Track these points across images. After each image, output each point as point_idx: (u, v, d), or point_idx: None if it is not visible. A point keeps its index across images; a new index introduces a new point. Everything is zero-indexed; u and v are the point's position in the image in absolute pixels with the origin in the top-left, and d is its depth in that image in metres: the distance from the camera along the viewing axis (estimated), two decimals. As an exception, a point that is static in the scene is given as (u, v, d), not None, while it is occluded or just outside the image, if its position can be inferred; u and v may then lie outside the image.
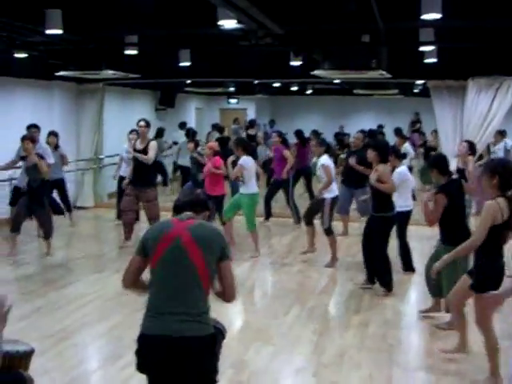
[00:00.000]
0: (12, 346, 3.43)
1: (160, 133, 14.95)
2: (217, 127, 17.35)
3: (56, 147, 10.59)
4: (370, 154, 7.24)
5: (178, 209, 3.54)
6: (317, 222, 8.90)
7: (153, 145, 9.30)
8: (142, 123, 9.33)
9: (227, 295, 3.40)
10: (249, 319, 6.51)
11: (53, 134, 10.65)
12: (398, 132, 14.24)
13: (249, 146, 9.37)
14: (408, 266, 8.16)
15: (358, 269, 8.09)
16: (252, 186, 8.85)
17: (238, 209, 8.99)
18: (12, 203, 9.62)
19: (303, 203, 11.26)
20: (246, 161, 8.75)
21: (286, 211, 11.66)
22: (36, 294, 7.17)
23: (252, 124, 17.57)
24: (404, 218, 7.85)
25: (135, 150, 9.23)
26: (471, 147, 9.03)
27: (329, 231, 8.53)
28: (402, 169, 8.03)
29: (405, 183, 7.93)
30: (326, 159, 8.53)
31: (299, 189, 12.83)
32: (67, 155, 10.91)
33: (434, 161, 6.42)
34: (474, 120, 10.55)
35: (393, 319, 6.51)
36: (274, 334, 6.00)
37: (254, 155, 11.51)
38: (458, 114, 10.83)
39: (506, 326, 5.94)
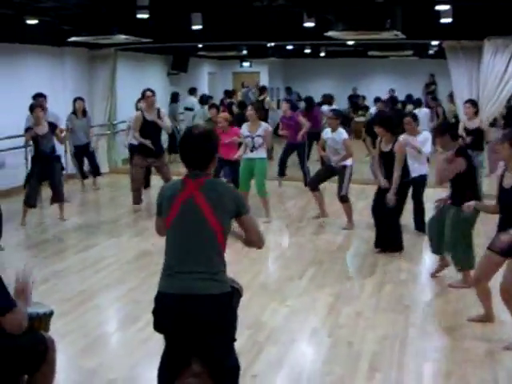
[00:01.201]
0: (32, 308, 3.49)
1: (175, 97, 14.91)
2: (226, 93, 17.32)
3: (84, 113, 10.78)
4: (378, 130, 7.27)
5: (186, 161, 3.40)
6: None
7: (164, 113, 9.48)
8: (150, 93, 9.33)
9: (256, 243, 3.49)
10: (265, 281, 6.57)
11: (79, 99, 10.82)
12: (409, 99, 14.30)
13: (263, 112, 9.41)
14: (418, 226, 8.21)
15: (372, 230, 8.13)
16: (265, 151, 8.90)
17: (250, 176, 8.97)
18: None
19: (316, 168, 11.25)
20: (268, 126, 8.78)
21: (299, 174, 11.65)
22: (55, 258, 7.27)
23: (261, 90, 17.62)
24: (421, 181, 7.99)
25: (148, 121, 9.25)
26: (475, 107, 9.16)
27: (346, 198, 8.52)
28: (424, 134, 8.13)
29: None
30: (345, 133, 8.49)
31: (314, 154, 12.80)
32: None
33: (447, 126, 6.49)
34: (490, 81, 10.40)
35: (408, 280, 6.54)
36: (290, 295, 6.06)
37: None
38: (474, 75, 10.68)
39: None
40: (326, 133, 8.60)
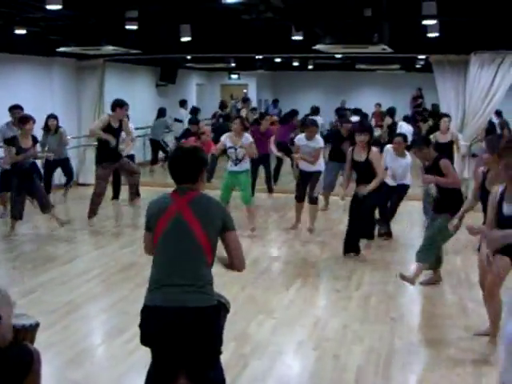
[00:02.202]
0: (18, 320, 3.47)
1: (162, 112, 14.91)
2: (220, 105, 17.41)
3: (56, 130, 10.44)
4: (364, 138, 7.45)
5: (176, 175, 3.43)
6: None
7: (126, 122, 9.49)
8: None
9: (236, 265, 3.45)
10: (251, 293, 6.56)
11: (52, 116, 10.41)
12: (389, 112, 14.46)
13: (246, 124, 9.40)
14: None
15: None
16: (248, 163, 8.88)
17: (232, 188, 8.95)
18: (2, 189, 9.32)
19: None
20: (249, 137, 8.80)
21: (289, 187, 11.71)
22: (40, 269, 7.22)
23: (244, 101, 17.82)
24: (401, 190, 8.37)
25: (112, 128, 9.21)
26: (450, 122, 9.44)
27: (316, 201, 8.88)
28: (408, 159, 8.45)
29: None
30: (321, 142, 8.87)
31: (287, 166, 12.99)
32: (67, 133, 10.88)
33: (420, 141, 6.71)
34: (476, 95, 10.53)
35: (395, 293, 6.55)
36: (276, 307, 6.05)
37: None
38: (460, 89, 10.80)
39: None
40: (300, 139, 8.89)
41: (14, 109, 9.43)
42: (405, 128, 13.43)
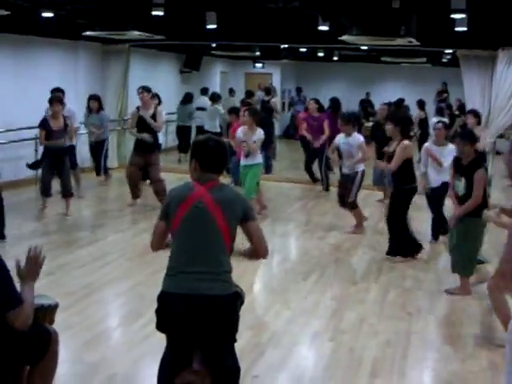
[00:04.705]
0: (38, 300, 3.51)
1: (188, 98, 14.82)
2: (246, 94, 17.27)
3: (98, 111, 10.75)
4: (388, 127, 7.18)
5: (209, 164, 3.45)
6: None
7: (160, 111, 9.46)
8: (140, 90, 9.44)
9: (260, 251, 3.47)
10: (268, 283, 6.57)
11: (93, 98, 10.77)
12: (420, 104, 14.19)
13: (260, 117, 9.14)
14: (433, 235, 8.20)
15: (379, 235, 8.16)
16: (260, 157, 8.75)
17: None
18: (32, 166, 9.55)
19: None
20: (262, 132, 8.64)
21: (307, 177, 11.69)
22: (60, 251, 7.28)
23: (267, 91, 17.69)
24: (441, 190, 7.71)
25: (142, 118, 9.28)
26: (477, 117, 9.14)
27: (354, 205, 8.48)
28: (450, 147, 7.74)
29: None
30: (361, 137, 8.37)
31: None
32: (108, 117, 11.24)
33: (470, 135, 6.28)
34: (502, 91, 10.41)
35: (412, 288, 6.52)
36: (293, 298, 6.05)
37: (269, 121, 11.72)
38: (487, 85, 10.67)
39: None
40: (340, 138, 8.50)
41: (55, 91, 9.58)
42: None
